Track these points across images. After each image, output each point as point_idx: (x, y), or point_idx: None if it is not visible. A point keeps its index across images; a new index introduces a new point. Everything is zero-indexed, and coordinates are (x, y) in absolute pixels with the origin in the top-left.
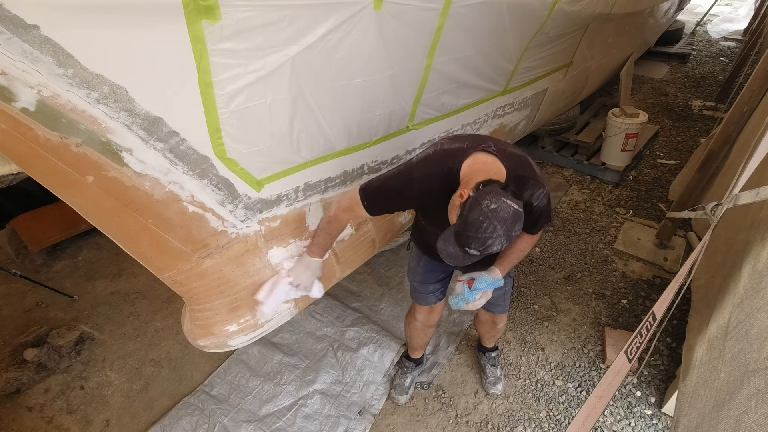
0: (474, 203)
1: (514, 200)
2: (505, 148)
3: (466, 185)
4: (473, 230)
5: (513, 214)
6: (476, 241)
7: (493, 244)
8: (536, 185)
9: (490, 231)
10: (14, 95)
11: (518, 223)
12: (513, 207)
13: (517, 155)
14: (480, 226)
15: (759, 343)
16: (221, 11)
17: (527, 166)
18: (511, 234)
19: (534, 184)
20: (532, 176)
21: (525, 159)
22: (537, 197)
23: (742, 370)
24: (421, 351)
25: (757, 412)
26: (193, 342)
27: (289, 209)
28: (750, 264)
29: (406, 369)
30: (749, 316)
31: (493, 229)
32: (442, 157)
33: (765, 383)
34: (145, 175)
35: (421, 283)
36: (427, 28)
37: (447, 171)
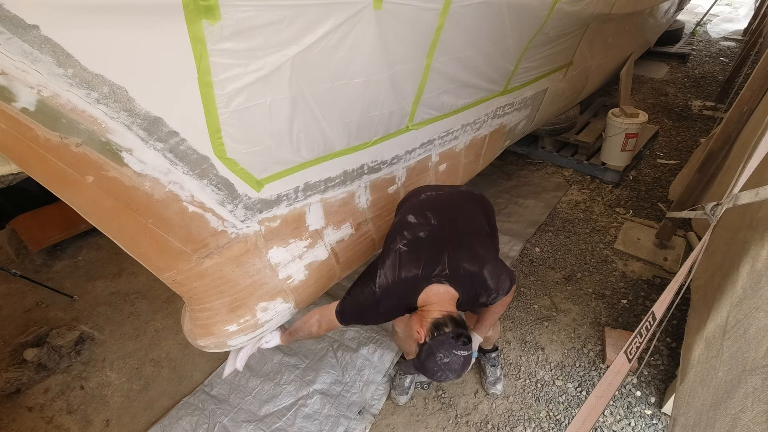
0: (428, 354)
1: (463, 349)
2: (459, 267)
3: (422, 317)
4: (429, 374)
5: (463, 363)
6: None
7: (447, 380)
8: (489, 294)
9: (444, 377)
10: (14, 95)
11: (467, 366)
12: (463, 357)
13: (470, 274)
14: (435, 374)
15: (757, 342)
16: (221, 11)
17: (480, 282)
18: (461, 373)
19: (487, 293)
20: (485, 289)
21: (478, 276)
22: (493, 300)
23: (740, 369)
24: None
25: (754, 410)
26: (193, 342)
27: (289, 209)
28: (749, 263)
29: (406, 371)
30: (747, 315)
31: (446, 377)
32: (400, 293)
33: (762, 382)
34: (145, 175)
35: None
36: (427, 28)
37: (406, 305)
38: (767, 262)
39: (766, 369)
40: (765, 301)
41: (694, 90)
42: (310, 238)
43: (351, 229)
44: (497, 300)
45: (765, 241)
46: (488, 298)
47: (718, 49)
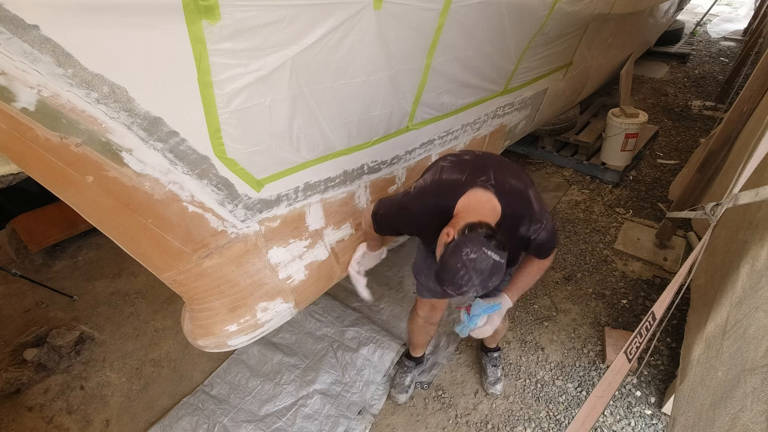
0: (455, 249)
1: (496, 251)
2: (505, 182)
3: (455, 224)
4: (450, 275)
5: (491, 267)
6: (452, 285)
7: (468, 291)
8: (533, 221)
9: (466, 279)
10: (14, 95)
11: (496, 275)
12: (493, 259)
13: (516, 190)
14: (457, 273)
15: (756, 342)
16: (221, 11)
17: (525, 201)
18: (487, 285)
19: (530, 220)
20: (529, 212)
21: (524, 194)
22: (534, 232)
23: (739, 369)
24: (421, 349)
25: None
26: (193, 342)
27: (289, 209)
28: (749, 263)
29: (406, 368)
30: (747, 315)
31: (469, 278)
32: (438, 193)
33: (761, 381)
34: (145, 175)
35: (426, 276)
36: (427, 28)
37: (441, 208)
38: (767, 262)
39: (765, 369)
40: (765, 300)
41: (694, 90)
42: (310, 238)
43: (351, 229)
44: (538, 239)
45: (765, 241)
46: (530, 227)
47: (718, 49)
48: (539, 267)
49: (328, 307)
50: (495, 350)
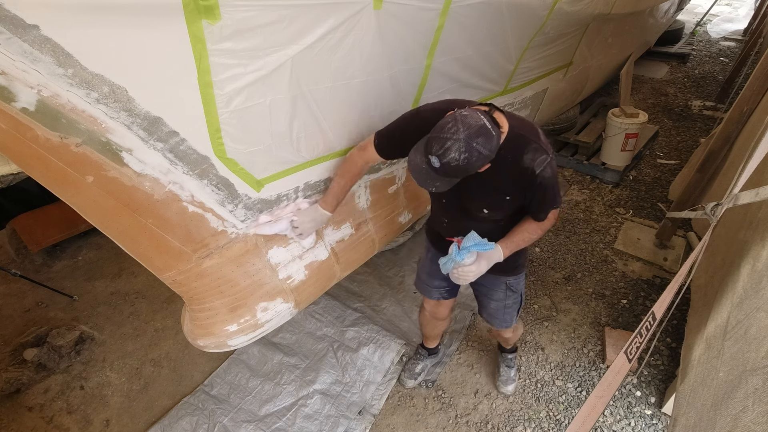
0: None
1: (491, 123)
2: (513, 113)
3: None
4: (438, 130)
5: (480, 127)
6: (438, 143)
7: (451, 149)
8: (538, 150)
9: (453, 132)
10: (14, 95)
11: (483, 137)
12: (484, 122)
13: (524, 120)
14: (445, 126)
15: (758, 343)
16: (221, 11)
17: (532, 130)
18: (471, 144)
19: (536, 148)
20: (536, 140)
21: (531, 125)
22: (540, 164)
23: (741, 369)
24: (434, 341)
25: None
26: (193, 342)
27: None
28: (749, 264)
29: (419, 356)
30: (748, 315)
31: (456, 130)
32: (450, 102)
33: (763, 382)
34: (145, 175)
35: (427, 275)
36: (427, 28)
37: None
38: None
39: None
40: (766, 301)
41: (694, 90)
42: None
43: (351, 229)
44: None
45: (766, 242)
46: (535, 157)
47: (718, 49)
48: (540, 227)
49: (328, 307)
50: (510, 351)
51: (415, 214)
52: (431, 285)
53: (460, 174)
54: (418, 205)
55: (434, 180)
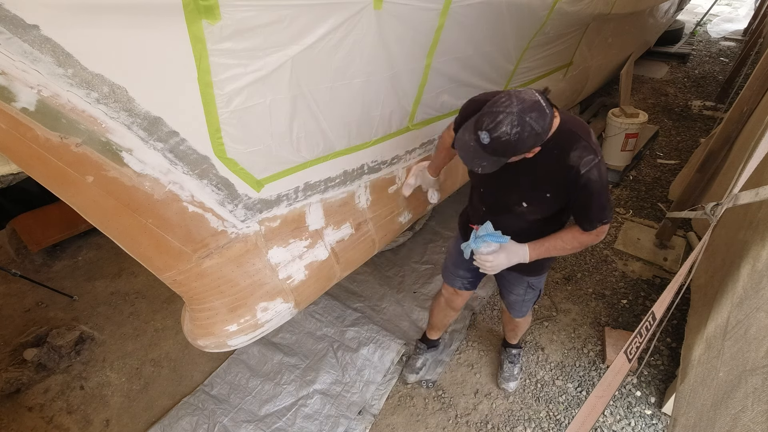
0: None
1: (545, 101)
2: (565, 110)
3: None
4: (491, 105)
5: (534, 102)
6: (489, 117)
7: (503, 122)
8: (587, 149)
9: (506, 105)
10: (14, 95)
11: (537, 112)
12: (538, 98)
13: (576, 117)
14: (499, 100)
15: (757, 343)
16: (221, 11)
17: (584, 128)
18: (524, 118)
19: (585, 147)
20: (586, 138)
21: (583, 123)
22: (586, 163)
23: (740, 369)
24: (437, 332)
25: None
26: (193, 342)
27: (289, 209)
28: (749, 264)
29: (419, 350)
30: (748, 315)
31: (509, 104)
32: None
33: (762, 382)
34: (145, 175)
35: (453, 264)
36: (427, 28)
37: None
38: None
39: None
40: (766, 301)
41: (694, 90)
42: (310, 238)
43: (351, 229)
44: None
45: (766, 242)
46: (582, 156)
47: (718, 49)
48: (577, 239)
49: (328, 307)
50: (514, 347)
51: (415, 214)
52: (455, 274)
53: (509, 152)
54: (418, 205)
55: (481, 159)
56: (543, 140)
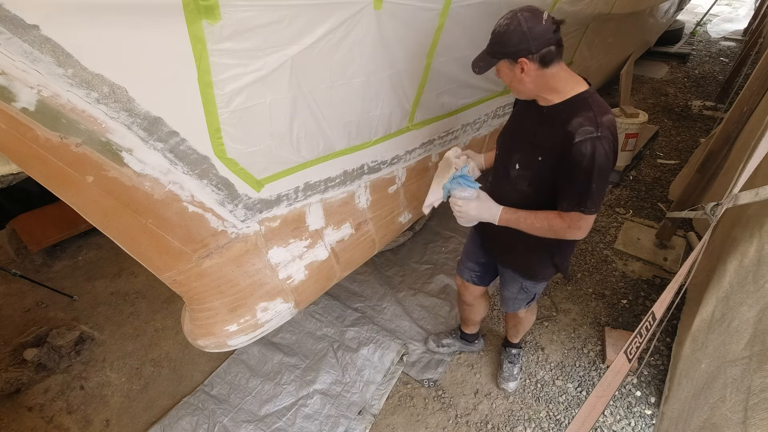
0: None
1: (550, 18)
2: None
3: None
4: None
5: (534, 8)
6: (502, 20)
7: (509, 26)
8: (591, 120)
9: (518, 9)
10: (14, 95)
11: (530, 13)
12: (541, 10)
13: (601, 99)
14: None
15: (739, 335)
16: (221, 11)
17: (601, 105)
18: (516, 14)
19: (590, 118)
20: (597, 111)
21: (603, 104)
22: (582, 133)
23: (721, 361)
24: (466, 326)
25: (732, 399)
26: (193, 342)
27: (289, 209)
28: (737, 260)
29: (452, 333)
30: (732, 309)
31: (521, 9)
32: None
33: (741, 373)
34: (145, 175)
35: (465, 254)
36: (427, 28)
37: None
38: (755, 258)
39: (745, 361)
40: (749, 295)
41: (694, 90)
42: (310, 238)
43: (351, 229)
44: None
45: (754, 238)
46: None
47: (718, 49)
48: (548, 219)
49: (328, 307)
50: (514, 346)
51: (415, 214)
52: (465, 265)
53: (495, 45)
54: (418, 205)
55: (480, 59)
56: (528, 49)
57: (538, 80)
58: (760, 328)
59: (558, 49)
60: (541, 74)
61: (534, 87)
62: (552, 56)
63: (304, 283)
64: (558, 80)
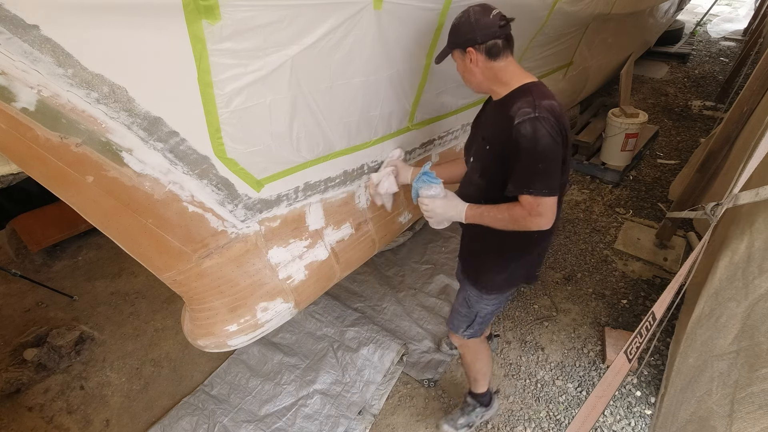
0: None
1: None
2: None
3: None
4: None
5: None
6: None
7: (461, 18)
8: (529, 103)
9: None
10: (14, 95)
11: (481, 8)
12: (491, 6)
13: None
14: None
15: (726, 330)
16: (221, 11)
17: (542, 92)
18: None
19: (528, 102)
20: (536, 98)
21: (544, 90)
22: (521, 114)
23: (708, 355)
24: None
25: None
26: (193, 342)
27: (289, 209)
28: (728, 256)
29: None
30: (721, 305)
31: (475, 4)
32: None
33: (728, 367)
34: (145, 175)
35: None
36: (427, 28)
37: None
38: (745, 255)
39: (732, 355)
40: (738, 291)
41: (694, 90)
42: (310, 238)
43: (351, 229)
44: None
45: (744, 235)
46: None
47: (718, 49)
48: (509, 209)
49: (328, 307)
50: (470, 394)
51: (415, 214)
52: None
53: (450, 34)
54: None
55: (441, 51)
56: (475, 38)
57: (486, 72)
58: (748, 324)
59: (506, 43)
60: (490, 66)
61: (483, 78)
62: (498, 49)
63: (304, 283)
64: (505, 73)
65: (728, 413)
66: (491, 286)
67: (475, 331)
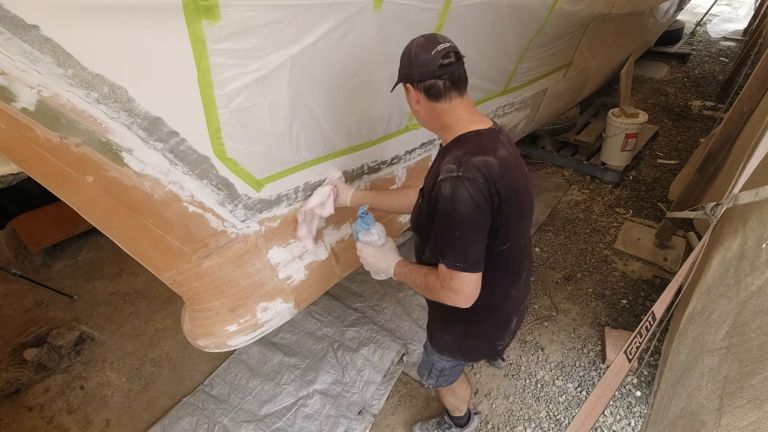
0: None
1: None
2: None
3: None
4: None
5: (432, 37)
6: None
7: (405, 48)
8: (456, 160)
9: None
10: (14, 95)
11: (425, 40)
12: (441, 40)
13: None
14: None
15: (717, 326)
16: (221, 11)
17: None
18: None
19: (456, 156)
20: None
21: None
22: (444, 171)
23: (699, 351)
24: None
25: (708, 388)
26: (193, 342)
27: (289, 209)
28: (720, 254)
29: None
30: (713, 301)
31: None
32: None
33: (718, 362)
34: (145, 175)
35: None
36: (427, 28)
37: None
38: (738, 252)
39: (722, 351)
40: (729, 287)
41: (694, 90)
42: None
43: (351, 229)
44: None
45: (738, 233)
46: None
47: (718, 49)
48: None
49: (328, 307)
50: (447, 413)
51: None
52: None
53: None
54: None
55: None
56: (411, 75)
57: (430, 112)
58: (739, 321)
59: (450, 84)
60: (432, 107)
61: (428, 118)
62: (439, 91)
63: (304, 283)
64: (449, 117)
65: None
66: (441, 346)
67: (436, 382)
